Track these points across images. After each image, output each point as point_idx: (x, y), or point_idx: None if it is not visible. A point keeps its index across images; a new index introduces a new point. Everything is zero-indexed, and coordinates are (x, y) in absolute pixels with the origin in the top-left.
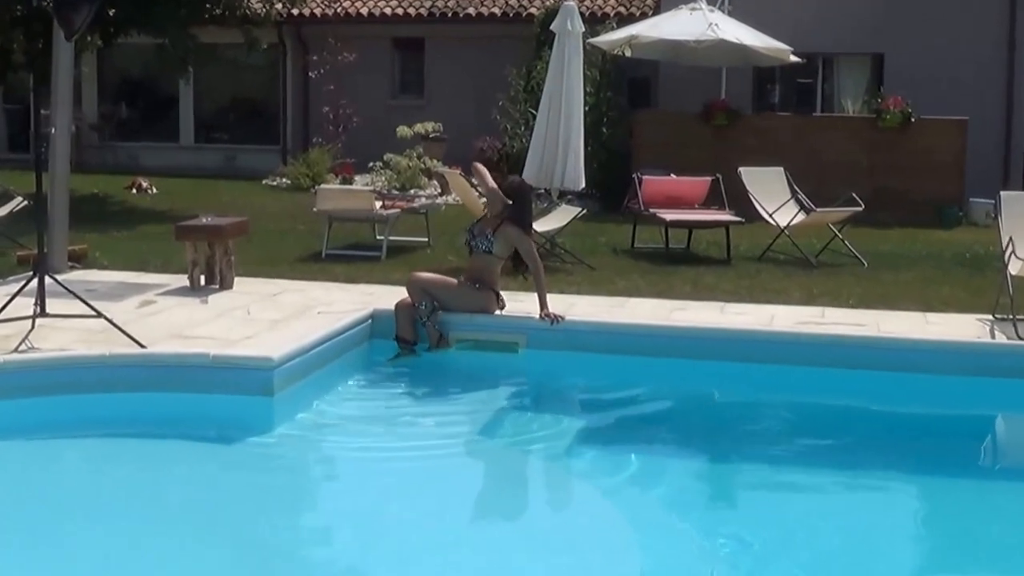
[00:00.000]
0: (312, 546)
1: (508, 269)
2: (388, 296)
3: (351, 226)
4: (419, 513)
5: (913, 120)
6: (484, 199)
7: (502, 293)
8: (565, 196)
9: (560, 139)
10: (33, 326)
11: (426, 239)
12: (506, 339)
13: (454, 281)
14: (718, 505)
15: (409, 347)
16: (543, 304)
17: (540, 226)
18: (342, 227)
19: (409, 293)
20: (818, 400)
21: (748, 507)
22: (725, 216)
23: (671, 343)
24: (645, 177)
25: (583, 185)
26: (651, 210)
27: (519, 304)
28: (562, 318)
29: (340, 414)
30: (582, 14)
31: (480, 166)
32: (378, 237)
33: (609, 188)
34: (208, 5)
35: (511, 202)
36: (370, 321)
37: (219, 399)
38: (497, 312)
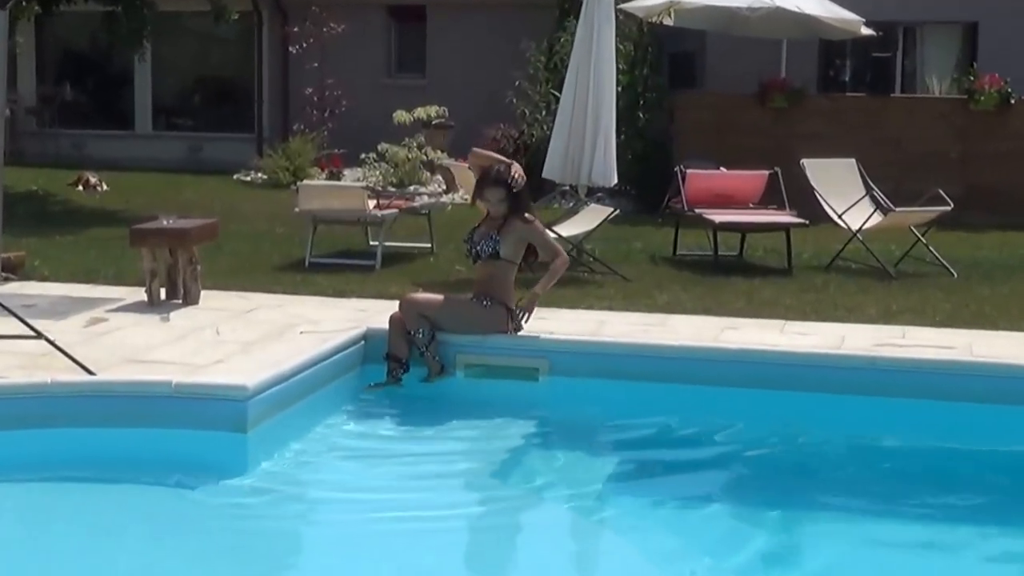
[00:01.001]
0: None
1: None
2: (383, 312)
3: (340, 229)
4: None
5: (1012, 101)
6: (485, 199)
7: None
8: (594, 194)
9: (588, 126)
10: None
11: (429, 245)
12: (524, 364)
13: (456, 299)
14: (782, 570)
15: (400, 367)
16: (536, 290)
17: (565, 230)
18: (329, 231)
19: (404, 318)
20: (900, 438)
21: (819, 571)
22: (785, 217)
23: (721, 369)
24: (689, 171)
25: (615, 181)
26: (696, 210)
27: (541, 323)
28: (528, 314)
29: (327, 456)
30: None
31: (480, 151)
32: (372, 243)
33: (646, 184)
34: None
35: (511, 192)
36: (363, 343)
37: (182, 436)
38: (512, 332)
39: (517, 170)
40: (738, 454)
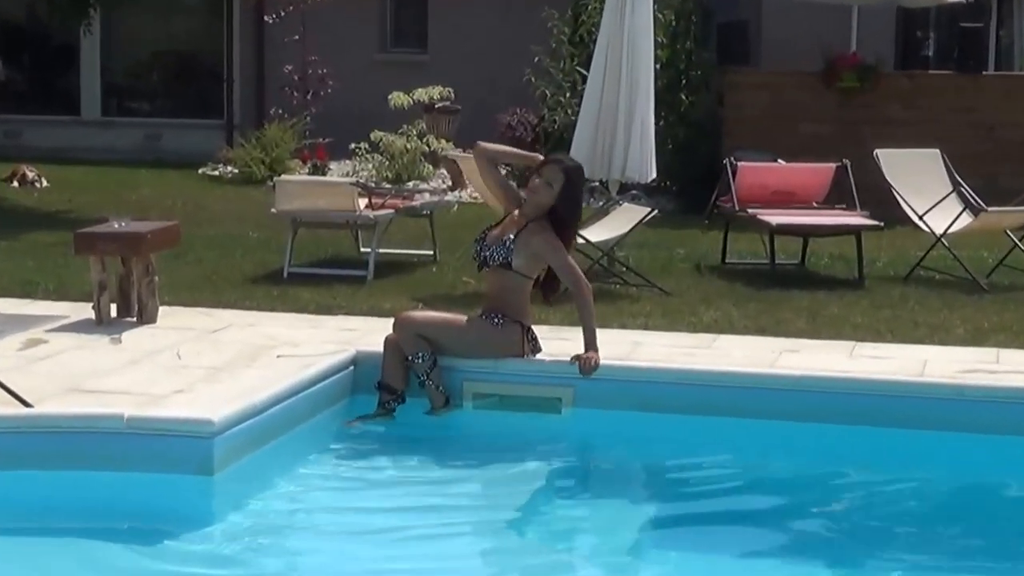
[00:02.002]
0: None
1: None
2: (377, 333)
3: (325, 234)
4: None
5: None
6: (541, 176)
7: (536, 328)
8: (628, 192)
9: (621, 111)
10: None
11: (431, 252)
12: (544, 394)
13: (461, 319)
14: None
15: (394, 399)
16: (588, 342)
17: (593, 234)
18: (312, 235)
19: (400, 341)
20: (991, 481)
21: None
22: (855, 219)
23: (780, 400)
24: (742, 164)
25: (653, 176)
26: (749, 211)
27: (563, 344)
28: (595, 363)
29: (309, 505)
30: None
31: (489, 145)
32: (363, 249)
33: (690, 179)
34: None
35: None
36: (351, 368)
37: (136, 480)
38: (529, 356)
39: (582, 172)
40: (800, 501)
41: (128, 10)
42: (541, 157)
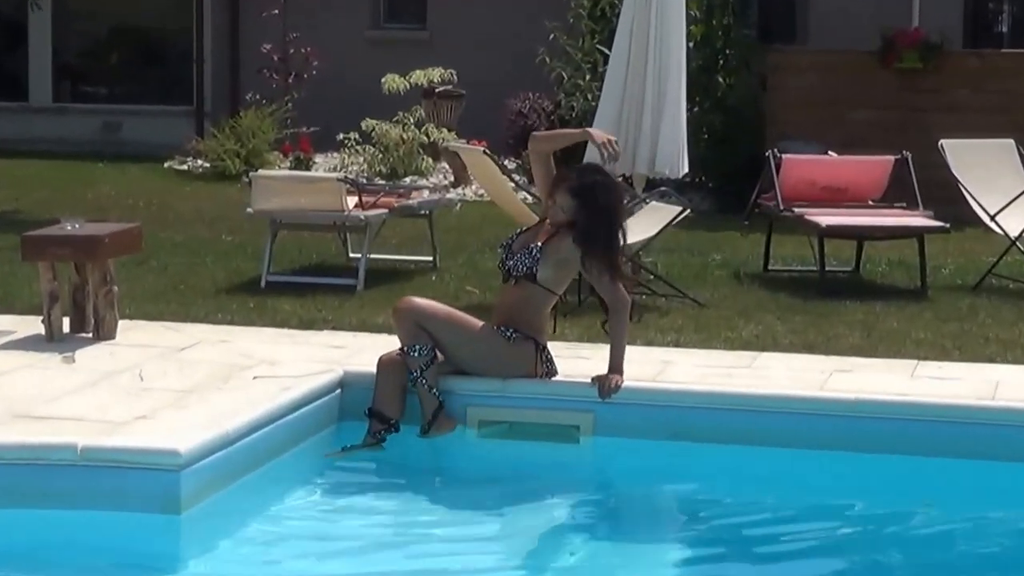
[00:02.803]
0: None
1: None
2: (368, 351)
3: (309, 237)
4: None
5: None
6: (553, 200)
7: (551, 345)
8: (656, 188)
9: (648, 95)
10: None
11: (430, 258)
12: (560, 420)
13: (474, 322)
14: None
15: (386, 429)
16: (614, 363)
17: None
18: (294, 238)
19: (397, 329)
20: None
21: None
22: (917, 219)
23: (830, 427)
24: (786, 156)
25: (686, 170)
26: (796, 210)
27: (582, 363)
28: (616, 386)
29: (287, 548)
30: None
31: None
32: (352, 255)
33: (728, 174)
34: None
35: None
36: (338, 391)
37: (92, 520)
38: (543, 376)
39: (601, 137)
40: (853, 543)
41: None
42: (592, 132)
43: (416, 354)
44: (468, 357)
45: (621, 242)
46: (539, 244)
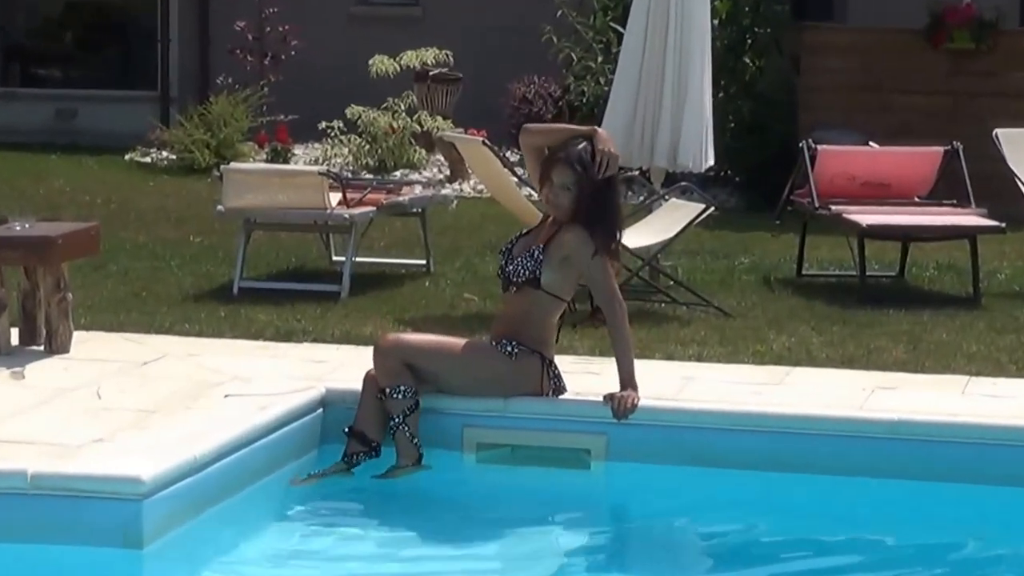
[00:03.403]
0: None
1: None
2: (352, 365)
3: (287, 238)
4: None
5: None
6: (550, 181)
7: (558, 359)
8: (677, 183)
9: (668, 79)
10: None
11: (423, 261)
12: (568, 444)
13: (468, 344)
14: None
15: (364, 452)
16: (625, 379)
17: (632, 238)
18: (271, 240)
19: (377, 369)
20: None
21: None
22: (969, 218)
23: (872, 451)
24: (823, 148)
25: (711, 163)
26: (833, 207)
27: (592, 380)
28: (632, 404)
29: None
30: None
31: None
32: (336, 258)
33: (757, 167)
34: None
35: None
36: (320, 411)
37: (44, 555)
38: (550, 395)
39: (606, 144)
40: None
41: None
42: (601, 134)
43: (399, 396)
44: (466, 384)
45: (622, 222)
46: (541, 245)
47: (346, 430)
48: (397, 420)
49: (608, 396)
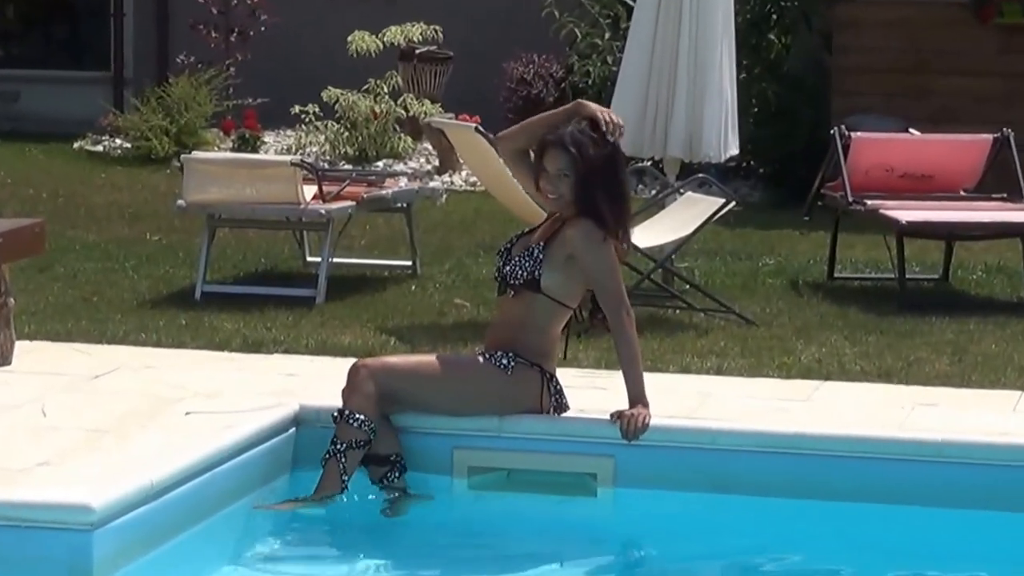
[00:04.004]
0: None
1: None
2: (328, 379)
3: (256, 237)
4: None
5: None
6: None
7: (560, 373)
8: (693, 176)
9: (683, 58)
10: None
11: (409, 262)
12: (571, 467)
13: (456, 361)
14: None
15: (390, 469)
16: (633, 394)
17: (643, 237)
18: (238, 238)
19: (349, 388)
20: None
21: None
22: (1022, 214)
23: (911, 476)
24: (857, 135)
25: (734, 152)
26: (869, 202)
27: (599, 396)
28: (643, 424)
29: None
30: None
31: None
32: (310, 259)
33: (783, 157)
34: None
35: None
36: (292, 430)
37: None
38: (551, 412)
39: (597, 110)
40: None
41: None
42: (586, 104)
43: (355, 424)
44: (457, 406)
45: (629, 207)
46: (541, 243)
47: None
48: (339, 447)
49: (615, 414)
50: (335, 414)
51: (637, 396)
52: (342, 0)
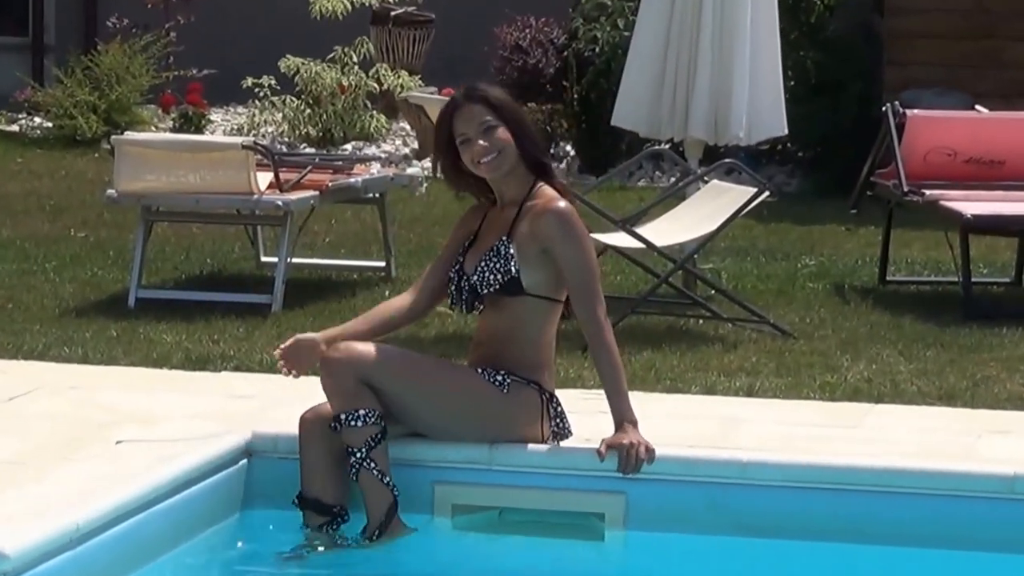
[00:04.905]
0: None
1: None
2: (286, 403)
3: (200, 232)
4: None
5: None
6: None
7: (560, 394)
8: (720, 161)
9: (706, 24)
10: None
11: (382, 263)
12: (575, 506)
13: (449, 367)
14: None
15: (330, 521)
16: (621, 415)
17: (658, 233)
18: (179, 235)
19: (327, 388)
20: None
21: None
22: None
23: (978, 516)
24: (913, 113)
25: (773, 133)
26: (927, 192)
27: (605, 420)
28: (647, 453)
29: None
30: None
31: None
32: (265, 258)
33: (826, 139)
34: None
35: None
36: (244, 462)
37: None
38: (550, 441)
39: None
40: None
41: None
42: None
43: (357, 423)
44: (441, 422)
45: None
46: (504, 238)
47: (295, 501)
48: (359, 455)
49: (610, 442)
50: (332, 424)
51: (625, 415)
52: None
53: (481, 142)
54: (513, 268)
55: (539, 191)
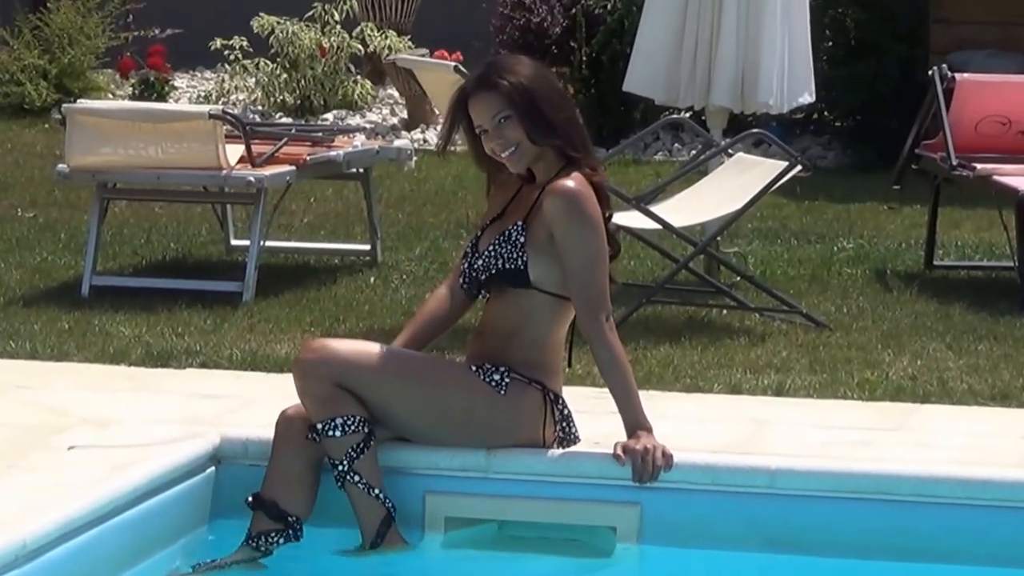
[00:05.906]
0: None
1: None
2: (259, 402)
3: (163, 212)
4: None
5: None
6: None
7: (566, 393)
8: (747, 132)
9: None
10: None
11: (367, 246)
12: (583, 519)
13: (440, 364)
14: None
15: (278, 532)
16: (633, 421)
17: (676, 212)
18: (139, 215)
19: (303, 396)
20: None
21: None
22: None
23: None
24: (963, 77)
25: (805, 100)
26: (978, 166)
27: (617, 421)
28: (664, 459)
29: None
30: None
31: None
32: (235, 242)
33: (866, 107)
34: None
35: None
36: (212, 469)
37: None
38: (555, 447)
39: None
40: None
41: None
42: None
43: (337, 432)
44: (430, 429)
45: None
46: (519, 222)
47: (249, 499)
48: (341, 468)
49: (623, 447)
50: (309, 435)
51: (638, 422)
52: None
53: (495, 142)
54: (521, 258)
55: (564, 172)
